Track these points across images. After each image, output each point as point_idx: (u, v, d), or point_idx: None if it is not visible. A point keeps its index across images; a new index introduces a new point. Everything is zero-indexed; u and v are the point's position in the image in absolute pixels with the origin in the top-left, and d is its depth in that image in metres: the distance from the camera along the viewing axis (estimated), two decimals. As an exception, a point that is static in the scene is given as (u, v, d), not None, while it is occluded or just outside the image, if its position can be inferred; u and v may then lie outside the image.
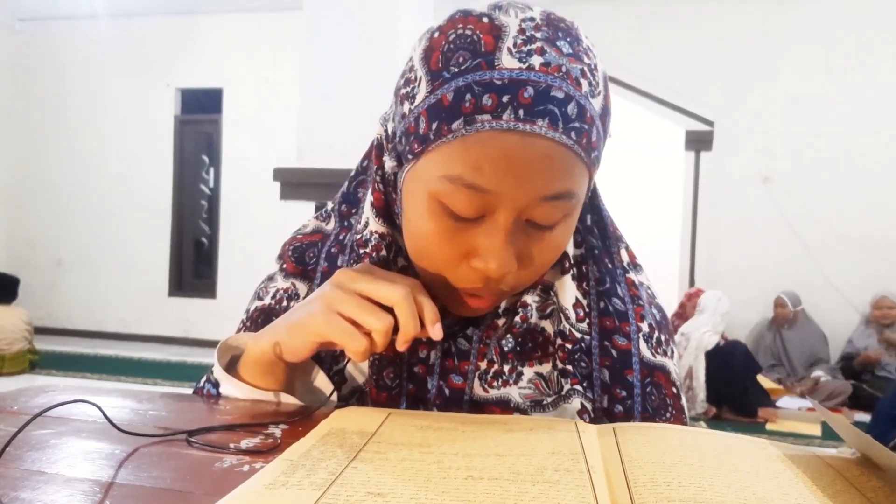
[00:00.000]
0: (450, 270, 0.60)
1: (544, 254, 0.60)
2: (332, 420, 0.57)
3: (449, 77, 0.55)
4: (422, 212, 0.59)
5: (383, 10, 2.64)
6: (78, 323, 7.57)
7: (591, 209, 0.71)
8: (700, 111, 6.14)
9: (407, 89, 0.59)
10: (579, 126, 0.55)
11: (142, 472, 0.46)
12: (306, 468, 0.45)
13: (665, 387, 0.68)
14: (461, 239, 0.58)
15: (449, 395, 0.65)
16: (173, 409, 0.63)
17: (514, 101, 0.53)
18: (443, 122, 0.55)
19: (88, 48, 7.41)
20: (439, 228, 0.58)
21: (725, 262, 6.08)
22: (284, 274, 0.75)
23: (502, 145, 0.54)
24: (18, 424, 0.50)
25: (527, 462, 0.46)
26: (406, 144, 0.59)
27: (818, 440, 4.36)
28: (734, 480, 0.43)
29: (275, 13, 6.83)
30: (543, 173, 0.55)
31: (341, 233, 0.74)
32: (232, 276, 7.12)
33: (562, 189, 0.56)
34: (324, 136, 2.71)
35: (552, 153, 0.54)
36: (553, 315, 0.66)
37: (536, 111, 0.53)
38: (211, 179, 7.54)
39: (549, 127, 0.53)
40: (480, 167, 0.54)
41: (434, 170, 0.57)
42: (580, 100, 0.55)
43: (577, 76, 0.55)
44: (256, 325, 0.73)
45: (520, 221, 0.57)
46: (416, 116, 0.57)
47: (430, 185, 0.57)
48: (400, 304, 0.57)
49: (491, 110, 0.53)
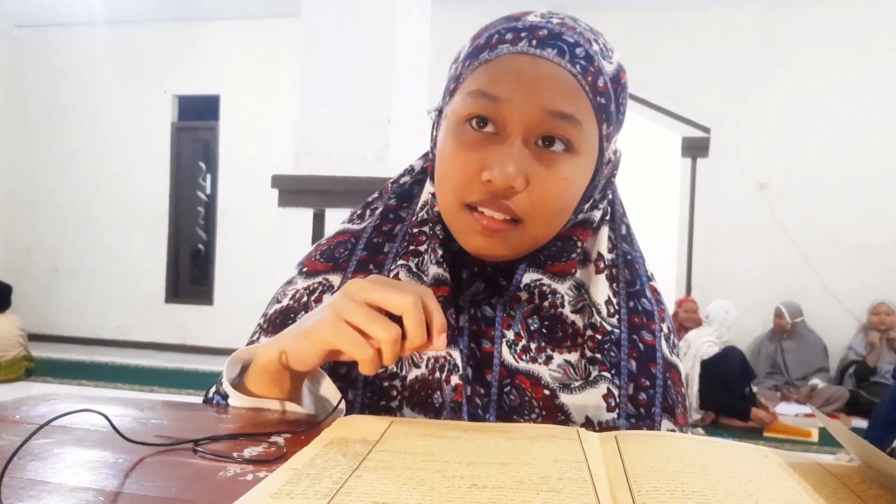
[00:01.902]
0: (463, 187, 0.65)
1: (550, 187, 0.64)
2: (335, 429, 0.57)
3: (483, 31, 0.68)
4: (446, 135, 0.67)
5: (381, 17, 2.65)
6: (74, 330, 7.54)
7: (623, 224, 0.77)
8: (696, 118, 6.16)
9: (453, 63, 0.71)
10: (585, 65, 0.64)
11: (147, 481, 0.46)
12: (310, 477, 0.45)
13: (677, 386, 0.73)
14: (476, 155, 0.64)
15: (480, 357, 0.69)
16: (176, 418, 0.63)
17: (531, 35, 0.64)
18: (473, 59, 0.66)
19: (85, 55, 7.40)
20: (458, 143, 0.65)
21: (722, 268, 6.09)
22: (307, 275, 0.76)
23: (515, 62, 0.64)
24: (21, 434, 0.50)
25: (530, 470, 0.46)
26: (446, 94, 0.69)
27: (815, 446, 4.36)
28: (737, 489, 0.43)
29: (272, 20, 6.83)
30: (549, 89, 0.63)
31: (385, 224, 0.77)
32: (229, 282, 7.10)
33: (566, 110, 0.63)
34: (321, 143, 2.71)
35: (558, 74, 0.63)
36: (584, 310, 0.71)
37: (548, 43, 0.64)
38: (208, 186, 7.53)
39: (556, 55, 0.63)
40: (496, 80, 0.64)
41: (460, 98, 0.66)
42: (589, 50, 0.65)
43: (591, 38, 0.66)
44: (275, 326, 0.74)
45: (528, 142, 0.64)
46: (456, 66, 0.69)
47: (456, 111, 0.66)
48: (408, 312, 0.58)
49: (511, 42, 0.65)
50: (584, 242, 0.71)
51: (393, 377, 0.69)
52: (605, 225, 0.74)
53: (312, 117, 2.73)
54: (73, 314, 7.56)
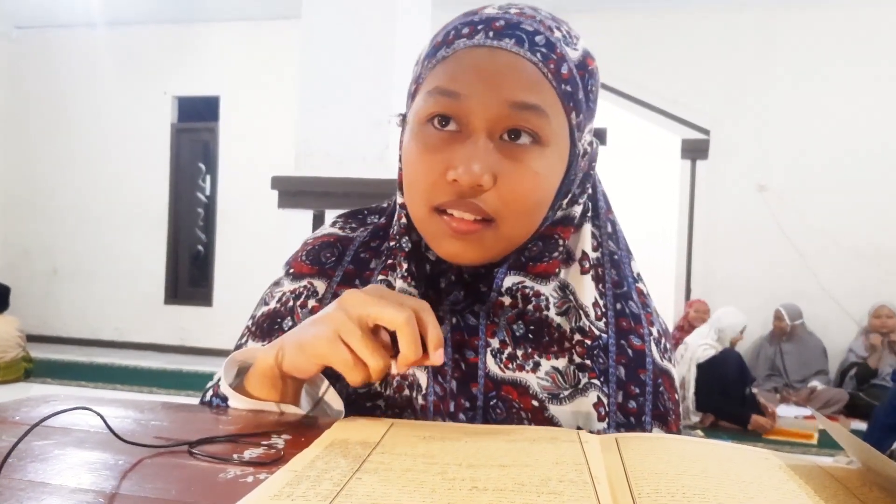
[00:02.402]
0: (430, 190, 0.63)
1: (518, 181, 0.62)
2: (335, 430, 0.57)
3: (441, 30, 0.66)
4: (409, 138, 0.65)
5: (381, 18, 2.65)
6: (73, 331, 7.53)
7: (608, 221, 0.74)
8: (696, 120, 6.16)
9: (414, 66, 0.69)
10: (546, 53, 0.62)
11: (146, 483, 0.46)
12: (311, 479, 0.45)
13: (669, 392, 0.71)
14: (441, 156, 0.62)
15: (465, 370, 0.66)
16: (175, 419, 0.63)
17: (487, 27, 0.63)
18: (432, 58, 0.65)
19: (85, 56, 7.40)
20: (422, 147, 0.64)
21: (722, 270, 6.09)
22: (293, 277, 0.76)
23: (472, 56, 0.62)
24: (20, 435, 0.50)
25: (531, 473, 0.46)
26: (407, 98, 0.68)
27: (814, 448, 4.36)
28: (738, 491, 0.43)
29: (272, 21, 6.83)
30: (508, 81, 0.61)
31: (374, 241, 0.76)
32: (228, 284, 7.09)
33: (529, 100, 0.61)
34: (321, 144, 2.71)
35: (517, 65, 0.61)
36: (570, 312, 0.68)
37: (505, 33, 0.62)
38: (207, 187, 7.52)
39: (514, 44, 0.62)
40: (454, 76, 0.62)
41: (421, 98, 0.64)
42: (550, 37, 0.63)
43: (552, 26, 0.64)
44: (262, 329, 0.74)
45: (493, 137, 0.62)
46: (416, 70, 0.68)
47: (417, 113, 0.64)
48: (402, 328, 0.58)
49: (467, 35, 0.63)
50: (567, 241, 0.69)
51: (375, 397, 0.69)
52: (587, 222, 0.71)
53: (312, 118, 2.73)
54: (72, 315, 7.55)
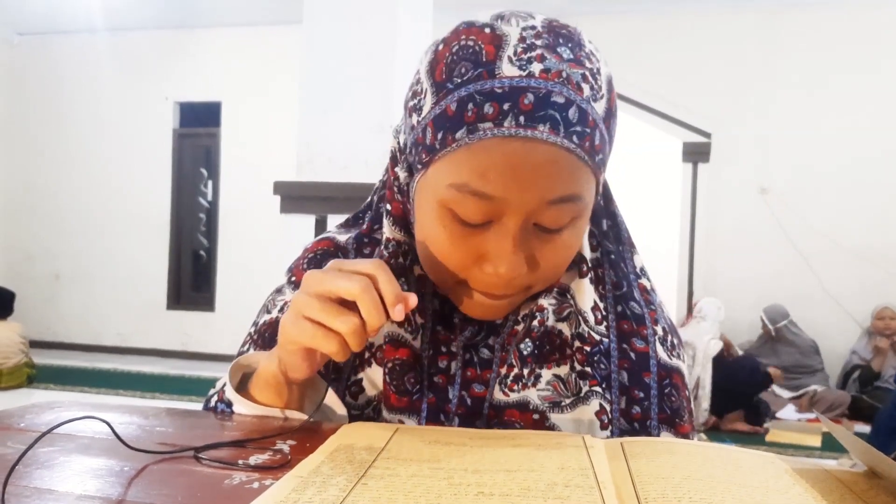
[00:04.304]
0: (461, 272, 0.61)
1: (555, 257, 0.61)
2: (340, 436, 0.57)
3: (452, 88, 0.57)
4: (432, 219, 0.60)
5: (382, 24, 2.66)
6: (76, 336, 7.54)
7: (607, 215, 0.72)
8: (697, 123, 6.16)
9: (414, 101, 0.61)
10: (581, 130, 0.56)
11: (152, 489, 0.46)
12: (317, 485, 0.45)
13: (681, 389, 0.69)
14: (471, 244, 0.60)
15: (470, 404, 0.66)
16: (180, 426, 0.63)
17: (515, 108, 0.55)
18: (447, 132, 0.57)
19: (87, 62, 7.42)
20: (449, 235, 0.60)
21: (724, 273, 6.09)
22: (294, 285, 0.75)
23: (505, 152, 0.55)
24: (26, 442, 0.50)
25: (537, 478, 0.46)
26: (415, 155, 0.61)
27: (818, 451, 4.35)
28: (744, 496, 0.43)
29: (274, 27, 6.85)
30: (547, 178, 0.56)
31: (365, 248, 0.74)
32: (230, 289, 7.10)
33: (567, 192, 0.57)
34: (323, 149, 2.71)
35: (555, 157, 0.56)
36: (570, 318, 0.67)
37: (537, 117, 0.55)
38: (209, 193, 7.53)
39: (550, 132, 0.55)
40: (485, 174, 0.56)
41: (442, 179, 0.58)
42: (581, 104, 0.56)
43: (578, 81, 0.57)
44: (264, 338, 0.74)
45: (528, 225, 0.59)
46: (423, 128, 0.59)
47: (438, 194, 0.59)
48: (359, 297, 0.56)
49: (493, 118, 0.55)
50: None
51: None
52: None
53: (314, 123, 2.73)
54: (74, 321, 7.56)
